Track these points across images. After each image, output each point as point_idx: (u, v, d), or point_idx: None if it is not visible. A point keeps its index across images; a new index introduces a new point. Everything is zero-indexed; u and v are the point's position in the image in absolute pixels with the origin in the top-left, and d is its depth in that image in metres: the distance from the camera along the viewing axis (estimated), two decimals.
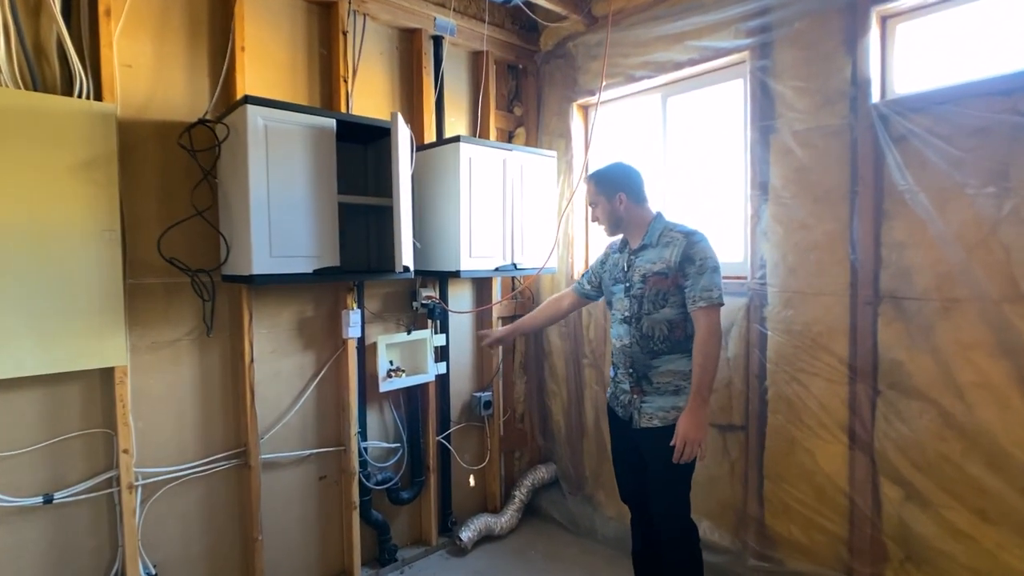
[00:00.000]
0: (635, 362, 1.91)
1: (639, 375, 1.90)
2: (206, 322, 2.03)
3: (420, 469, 2.69)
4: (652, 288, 1.86)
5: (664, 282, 1.84)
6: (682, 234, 1.86)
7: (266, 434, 2.23)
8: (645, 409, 1.89)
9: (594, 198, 2.00)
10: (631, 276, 1.93)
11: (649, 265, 1.88)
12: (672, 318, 1.85)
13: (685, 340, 1.87)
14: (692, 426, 1.77)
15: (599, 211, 2.00)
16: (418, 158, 2.59)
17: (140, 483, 1.93)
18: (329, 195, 1.98)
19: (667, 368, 1.87)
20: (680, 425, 1.79)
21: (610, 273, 2.05)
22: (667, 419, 1.85)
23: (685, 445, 1.77)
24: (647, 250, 1.91)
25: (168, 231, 1.92)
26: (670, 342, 1.86)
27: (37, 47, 1.75)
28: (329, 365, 2.40)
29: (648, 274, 1.87)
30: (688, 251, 1.82)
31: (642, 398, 1.90)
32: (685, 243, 1.83)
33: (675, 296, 1.84)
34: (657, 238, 1.90)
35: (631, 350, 1.91)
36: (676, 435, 1.79)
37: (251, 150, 1.78)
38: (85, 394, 1.84)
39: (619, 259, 2.02)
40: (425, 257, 2.57)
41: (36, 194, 1.67)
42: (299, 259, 1.90)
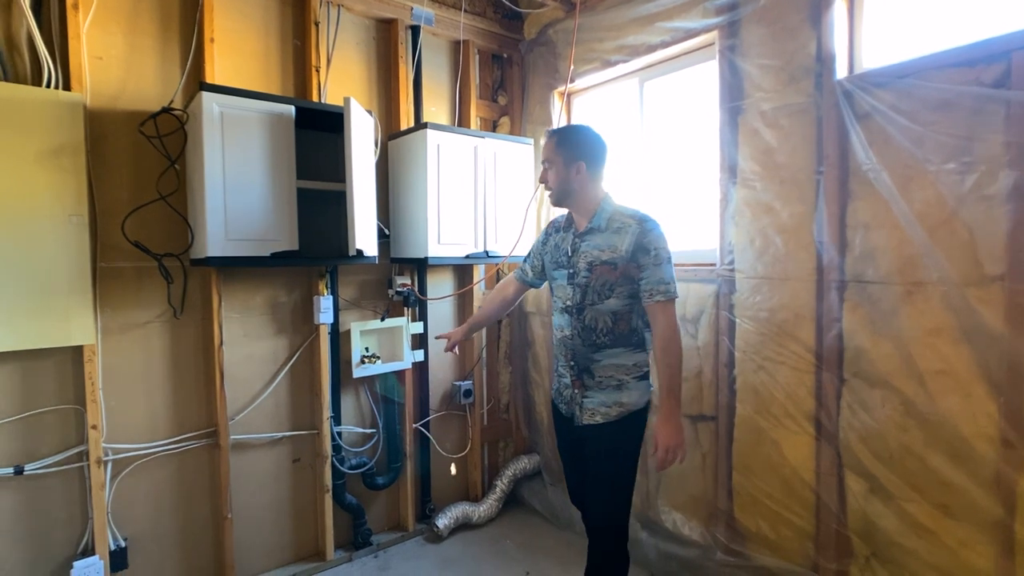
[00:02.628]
0: (576, 355, 1.78)
1: (580, 368, 1.78)
2: (172, 304, 2.10)
3: (397, 455, 2.72)
4: (598, 278, 1.72)
5: (612, 272, 1.70)
6: (634, 220, 1.71)
7: (238, 415, 2.29)
8: (587, 405, 1.77)
9: (550, 156, 1.78)
10: (575, 262, 1.77)
11: (596, 252, 1.73)
12: (617, 309, 1.72)
13: (629, 333, 1.75)
14: (671, 432, 1.66)
15: (551, 174, 1.78)
16: (391, 146, 2.62)
17: (110, 458, 2.02)
18: (288, 180, 2.02)
19: (610, 362, 1.75)
20: (659, 433, 1.67)
21: (552, 256, 1.89)
22: (609, 415, 1.74)
23: (668, 453, 1.67)
24: (594, 235, 1.75)
25: (132, 215, 1.99)
26: (614, 335, 1.74)
27: (8, 39, 1.84)
28: (302, 350, 2.45)
29: (595, 262, 1.72)
30: (642, 239, 1.68)
31: (583, 393, 1.78)
32: (639, 230, 1.68)
33: (622, 287, 1.70)
34: (606, 222, 1.74)
35: (572, 342, 1.78)
36: (656, 444, 1.68)
37: (206, 135, 1.84)
38: (57, 372, 1.93)
39: (562, 240, 1.85)
40: (399, 244, 2.60)
41: (4, 180, 1.76)
42: (256, 243, 1.95)
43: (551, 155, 1.79)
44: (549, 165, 1.80)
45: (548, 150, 1.80)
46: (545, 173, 1.81)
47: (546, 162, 1.81)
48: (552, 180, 1.79)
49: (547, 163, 1.80)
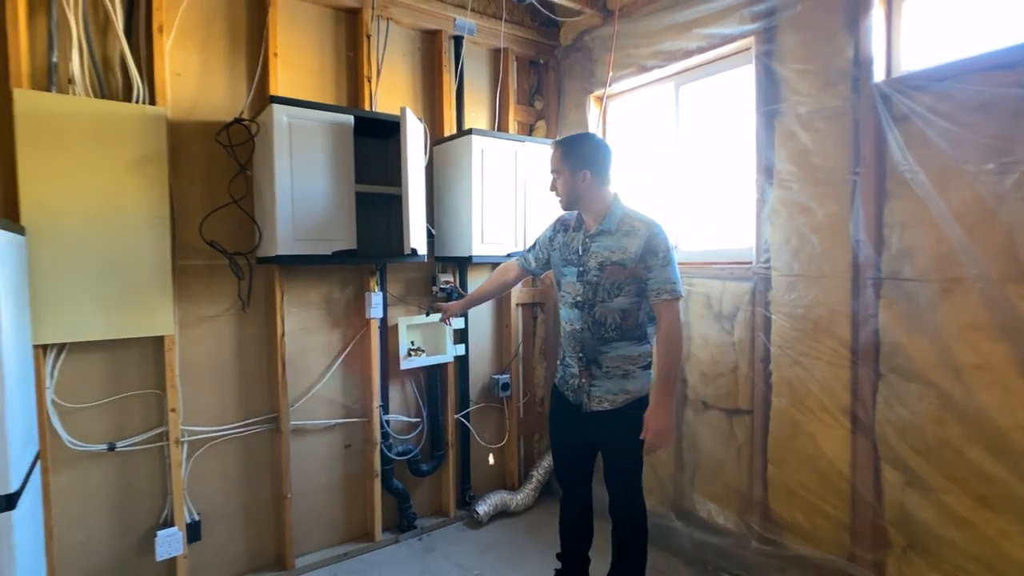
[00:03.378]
0: (585, 347, 1.89)
1: (589, 359, 1.89)
2: (241, 298, 2.28)
3: (440, 444, 2.86)
4: (608, 277, 1.82)
5: (622, 272, 1.81)
6: (643, 224, 1.82)
7: (296, 403, 2.47)
8: (595, 393, 1.90)
9: (557, 166, 1.88)
10: (586, 261, 1.87)
11: (607, 253, 1.83)
12: (625, 307, 1.84)
13: (636, 328, 1.87)
14: (663, 417, 1.79)
15: (559, 183, 1.88)
16: (436, 151, 2.77)
17: (186, 439, 2.21)
18: (347, 184, 2.18)
19: (617, 354, 1.87)
20: (650, 419, 1.80)
21: (561, 253, 1.98)
22: (616, 402, 1.88)
23: (657, 436, 1.79)
24: (605, 236, 1.85)
25: (208, 217, 2.18)
26: (621, 330, 1.85)
27: (104, 60, 2.04)
28: (354, 343, 2.62)
29: (606, 263, 1.83)
30: (651, 243, 1.79)
31: (591, 382, 1.90)
32: (648, 234, 1.79)
33: (630, 286, 1.81)
34: (616, 225, 1.84)
35: (582, 335, 1.89)
36: (646, 428, 1.81)
37: (277, 144, 2.01)
38: (141, 359, 2.13)
39: (573, 239, 1.94)
40: (443, 244, 2.74)
41: (101, 187, 1.96)
42: (319, 242, 2.11)
43: (558, 165, 1.89)
44: (557, 175, 1.90)
45: (555, 160, 1.90)
46: (554, 182, 1.92)
47: (554, 172, 1.91)
48: (561, 188, 1.90)
49: (555, 173, 1.91)
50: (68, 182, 1.90)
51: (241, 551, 2.37)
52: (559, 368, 2.06)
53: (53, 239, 1.88)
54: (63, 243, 1.90)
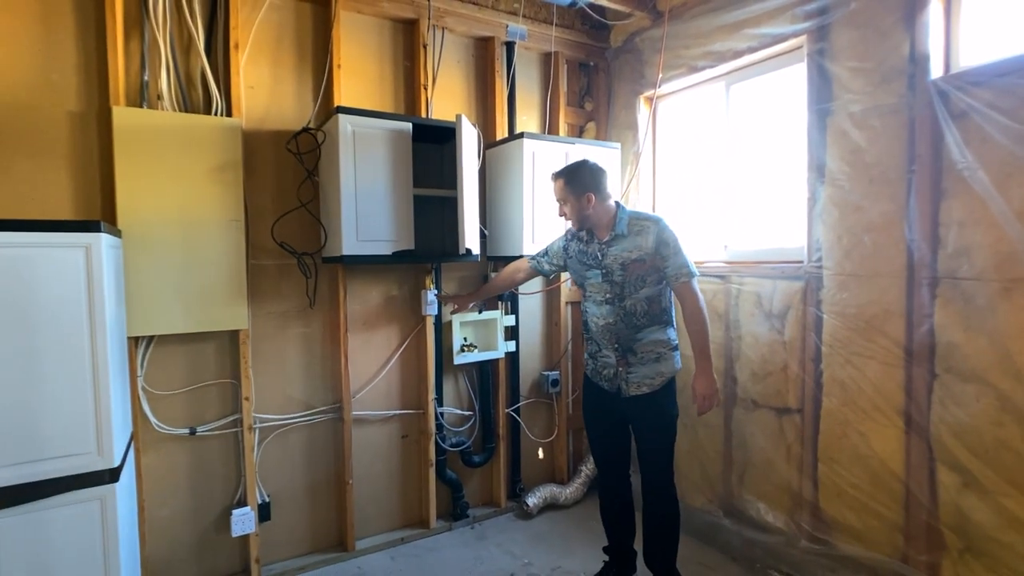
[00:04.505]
0: (620, 337, 2.09)
1: (624, 348, 2.10)
2: (309, 296, 2.44)
3: (491, 437, 2.96)
4: (632, 273, 2.05)
5: (643, 266, 2.04)
6: (651, 221, 2.07)
7: (357, 394, 2.61)
8: (632, 379, 2.09)
9: (562, 195, 2.10)
10: (607, 264, 2.09)
11: (626, 254, 2.06)
12: (650, 295, 2.06)
13: (661, 312, 2.10)
14: (707, 383, 2.07)
15: (567, 209, 2.10)
16: (489, 154, 2.86)
17: (257, 426, 2.38)
18: (406, 188, 2.30)
19: (649, 339, 2.08)
20: (697, 385, 2.07)
21: (579, 260, 2.20)
22: (654, 385, 2.09)
23: (705, 400, 2.07)
24: (620, 240, 2.08)
25: (279, 220, 2.34)
26: (650, 316, 2.07)
27: (187, 77, 2.23)
28: (411, 338, 2.75)
29: (627, 262, 2.05)
30: (661, 235, 2.04)
31: (628, 369, 2.10)
32: (657, 229, 2.05)
33: (651, 276, 2.05)
34: (627, 228, 2.08)
35: (616, 327, 2.09)
36: (695, 394, 2.08)
37: (342, 151, 2.15)
38: (218, 351, 2.31)
39: (588, 249, 2.16)
40: (495, 243, 2.84)
41: (184, 192, 2.15)
42: (380, 243, 2.24)
43: (564, 195, 2.10)
44: (564, 203, 2.12)
45: (560, 191, 2.12)
46: (562, 209, 2.14)
47: (561, 201, 2.13)
48: (570, 213, 2.12)
49: (561, 201, 2.13)
50: (156, 188, 2.09)
51: (306, 532, 2.53)
52: (588, 361, 2.26)
53: (144, 240, 2.07)
54: (152, 244, 2.09)
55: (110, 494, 1.61)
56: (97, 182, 2.07)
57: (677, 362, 2.14)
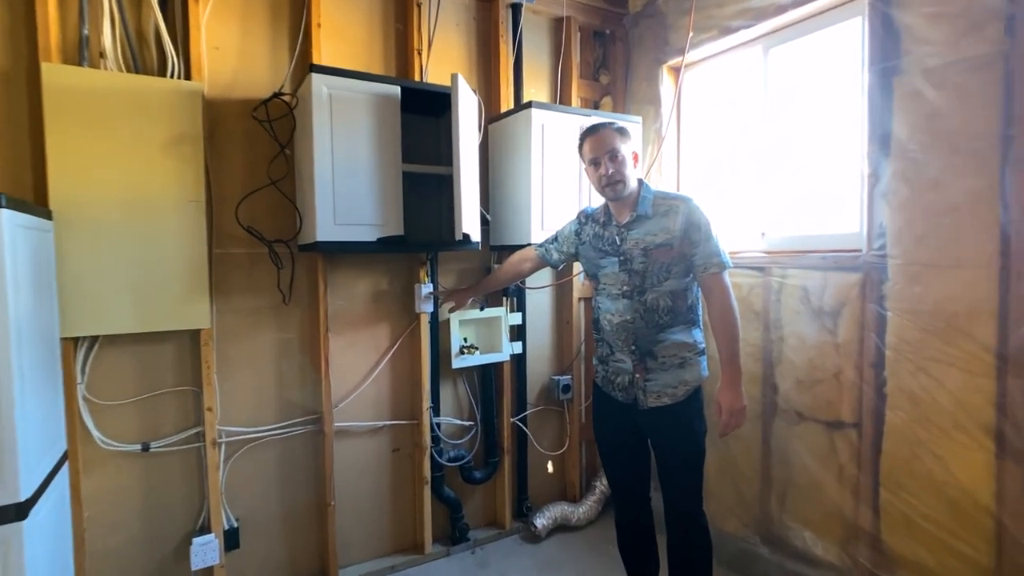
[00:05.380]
0: (638, 338, 1.79)
1: (643, 351, 1.80)
2: (281, 290, 2.11)
3: (494, 450, 2.63)
4: (655, 261, 1.76)
5: (669, 253, 1.75)
6: (679, 200, 1.78)
7: (341, 403, 2.29)
8: (651, 388, 1.80)
9: (611, 146, 1.77)
10: (627, 250, 1.79)
11: (650, 238, 1.76)
12: (675, 289, 1.77)
13: (687, 310, 1.81)
14: (735, 397, 1.75)
15: (615, 165, 1.76)
16: (492, 130, 2.52)
17: (223, 440, 2.06)
18: (394, 163, 1.96)
19: (672, 341, 1.78)
20: (723, 399, 1.75)
21: (592, 246, 1.90)
22: (676, 395, 1.79)
23: (731, 417, 1.75)
24: (643, 222, 1.78)
25: (244, 201, 2.01)
26: (674, 313, 1.78)
27: (138, 33, 1.90)
28: (403, 339, 2.41)
29: (650, 247, 1.76)
30: (692, 217, 1.75)
31: (646, 376, 1.80)
32: (687, 210, 1.75)
33: (677, 266, 1.76)
34: (651, 209, 1.78)
35: (634, 325, 1.79)
36: (721, 409, 1.75)
37: (316, 117, 1.81)
38: (176, 354, 1.99)
39: (605, 232, 1.86)
40: (499, 231, 2.50)
41: (134, 168, 1.82)
42: (363, 227, 1.91)
43: (614, 144, 1.78)
44: (614, 157, 1.77)
45: (608, 140, 1.79)
46: (608, 166, 1.77)
47: (610, 154, 1.78)
48: (618, 173, 1.77)
49: (611, 155, 1.77)
50: (99, 162, 1.77)
51: (281, 561, 2.21)
52: (599, 367, 1.97)
53: (83, 224, 1.75)
54: (94, 228, 1.76)
55: (15, 534, 1.29)
56: (28, 155, 1.75)
57: (704, 369, 1.84)
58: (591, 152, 1.81)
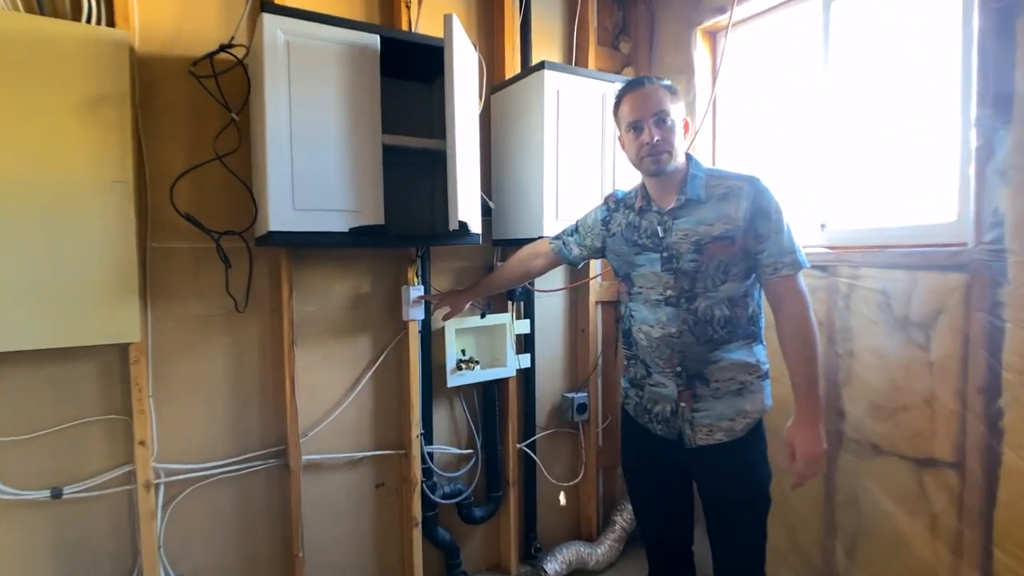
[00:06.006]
0: (686, 357, 1.42)
1: (691, 374, 1.42)
2: (231, 295, 1.70)
3: (497, 482, 2.22)
4: (711, 258, 1.37)
5: (730, 248, 1.36)
6: (743, 181, 1.38)
7: (312, 431, 1.88)
8: (701, 420, 1.42)
9: (661, 107, 1.37)
10: (672, 243, 1.41)
11: (704, 228, 1.37)
12: (733, 295, 1.39)
13: (748, 322, 1.42)
14: (813, 439, 1.34)
15: (662, 132, 1.37)
16: (496, 100, 2.12)
17: (161, 480, 1.65)
18: (371, 133, 1.55)
19: (729, 361, 1.40)
20: (797, 441, 1.35)
21: (625, 238, 1.51)
22: (733, 430, 1.41)
23: (808, 465, 1.35)
24: (694, 208, 1.40)
25: (183, 180, 1.60)
26: (732, 325, 1.40)
27: None
28: (388, 352, 2.01)
29: (704, 240, 1.37)
30: (759, 201, 1.35)
31: (693, 405, 1.42)
32: (753, 192, 1.36)
33: (738, 265, 1.38)
34: (705, 191, 1.39)
35: (680, 340, 1.41)
36: (795, 454, 1.36)
37: (268, 71, 1.40)
38: (99, 375, 1.58)
39: (642, 221, 1.47)
40: (504, 222, 2.09)
41: (36, 138, 1.41)
42: (331, 214, 1.50)
43: (667, 106, 1.38)
44: (662, 121, 1.37)
45: (662, 100, 1.38)
46: (655, 132, 1.37)
47: (659, 116, 1.37)
48: (667, 140, 1.38)
49: (660, 118, 1.37)
50: None
51: None
52: (630, 391, 1.59)
53: None
54: None
55: None
56: None
57: (768, 396, 1.46)
58: (632, 113, 1.40)
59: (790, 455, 1.36)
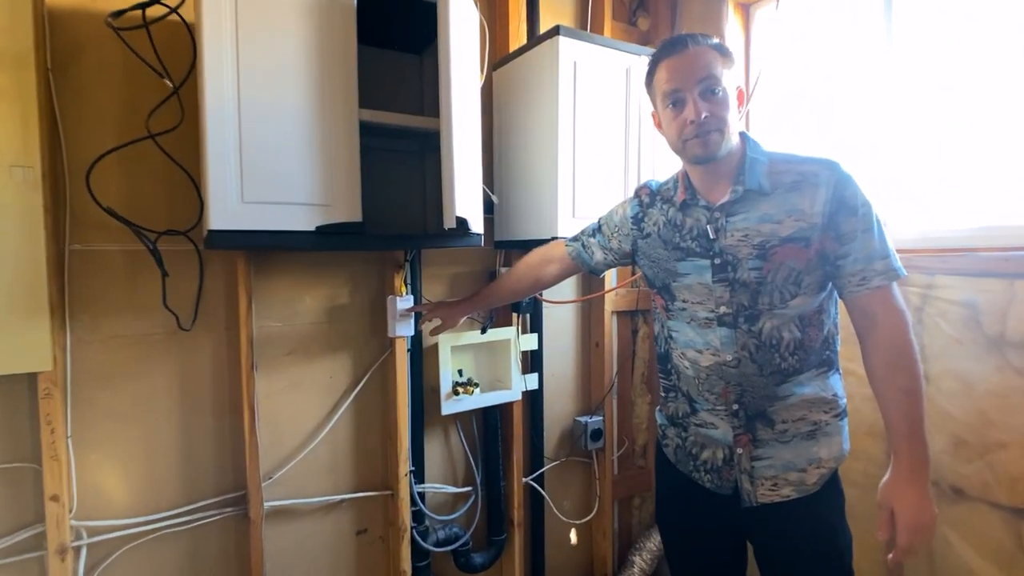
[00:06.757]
0: (745, 392, 1.12)
1: (751, 413, 1.12)
2: (169, 308, 1.37)
3: (500, 523, 1.90)
4: (779, 266, 1.06)
5: (803, 253, 1.05)
6: (819, 166, 1.07)
7: (278, 471, 1.56)
8: (763, 471, 1.12)
9: (713, 73, 1.06)
10: (728, 247, 1.10)
11: (771, 226, 1.07)
12: (805, 312, 1.09)
13: (823, 346, 1.12)
14: (921, 501, 1.01)
15: (712, 105, 1.06)
16: (500, 77, 1.81)
17: (83, 543, 1.32)
18: (345, 107, 1.23)
19: (800, 397, 1.10)
20: (898, 503, 1.02)
21: (663, 240, 1.20)
22: (805, 483, 1.11)
23: (915, 534, 1.01)
24: (755, 201, 1.09)
25: (102, 164, 1.26)
26: (803, 352, 1.10)
27: None
28: (371, 374, 1.69)
29: (771, 241, 1.07)
30: (842, 192, 1.04)
31: (753, 452, 1.13)
32: (834, 180, 1.05)
33: (812, 274, 1.07)
34: (768, 179, 1.08)
35: (738, 371, 1.11)
36: (898, 522, 1.02)
37: (207, 19, 1.08)
38: (6, 411, 1.26)
39: (683, 219, 1.17)
40: (508, 221, 1.78)
41: None
42: (292, 208, 1.17)
43: (717, 70, 1.07)
44: (714, 89, 1.06)
45: (711, 63, 1.07)
46: (715, 105, 1.06)
47: (707, 84, 1.06)
48: (718, 113, 1.06)
49: (711, 87, 1.06)
50: None
51: None
52: (668, 431, 1.28)
53: None
54: None
55: None
56: None
57: (846, 439, 1.17)
58: (671, 81, 1.08)
59: (887, 522, 1.05)
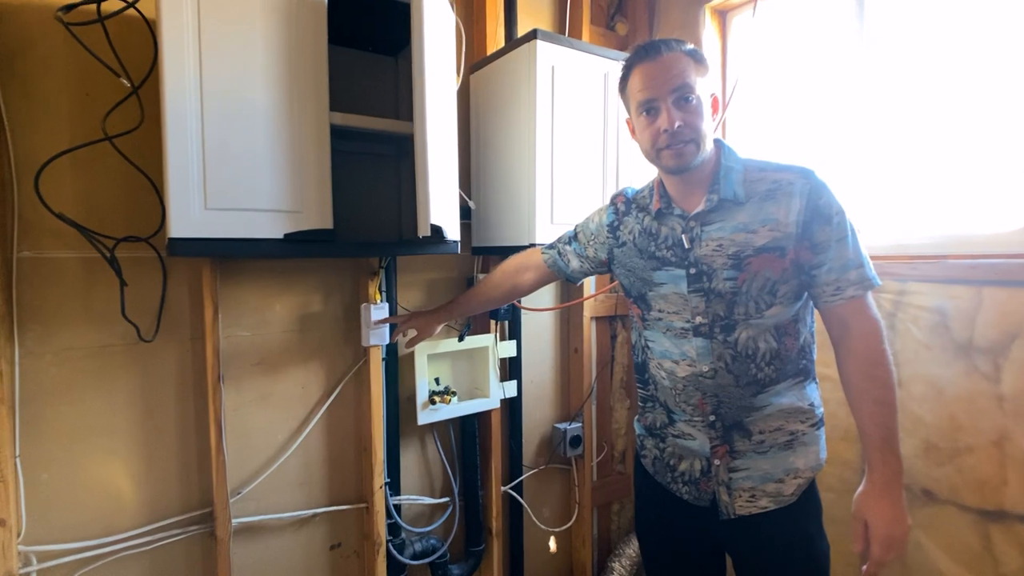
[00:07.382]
0: (722, 403, 1.11)
1: (728, 424, 1.12)
2: (128, 319, 1.30)
3: (479, 534, 1.87)
4: (755, 275, 1.06)
5: (779, 262, 1.05)
6: (794, 175, 1.06)
7: (247, 486, 1.50)
8: (741, 483, 1.12)
9: (687, 81, 1.04)
10: (702, 257, 1.09)
11: (745, 236, 1.06)
12: (781, 321, 1.09)
13: (799, 355, 1.12)
14: (895, 513, 1.01)
15: (685, 114, 1.04)
16: (477, 80, 1.78)
17: (33, 568, 1.25)
18: (315, 110, 1.18)
19: (777, 407, 1.10)
20: (872, 514, 1.02)
21: (639, 249, 1.20)
22: (782, 494, 1.11)
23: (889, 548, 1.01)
24: (730, 210, 1.08)
25: (53, 167, 1.20)
26: (780, 362, 1.10)
27: None
28: (344, 385, 1.64)
29: (745, 251, 1.06)
30: (816, 200, 1.04)
31: (730, 463, 1.12)
32: (808, 188, 1.04)
33: (788, 283, 1.07)
34: (743, 188, 1.08)
35: (715, 381, 1.11)
36: (871, 535, 1.02)
37: (167, 18, 1.02)
38: None
39: (658, 228, 1.16)
40: (486, 227, 1.75)
41: None
42: (259, 215, 1.12)
43: (691, 78, 1.05)
44: (687, 97, 1.05)
45: (685, 70, 1.05)
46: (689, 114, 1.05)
47: (680, 92, 1.05)
48: (692, 122, 1.05)
49: (684, 95, 1.05)
50: None
51: None
52: (646, 441, 1.27)
53: None
54: None
55: None
56: None
57: (823, 449, 1.16)
58: (645, 89, 1.06)
59: (861, 534, 1.04)
